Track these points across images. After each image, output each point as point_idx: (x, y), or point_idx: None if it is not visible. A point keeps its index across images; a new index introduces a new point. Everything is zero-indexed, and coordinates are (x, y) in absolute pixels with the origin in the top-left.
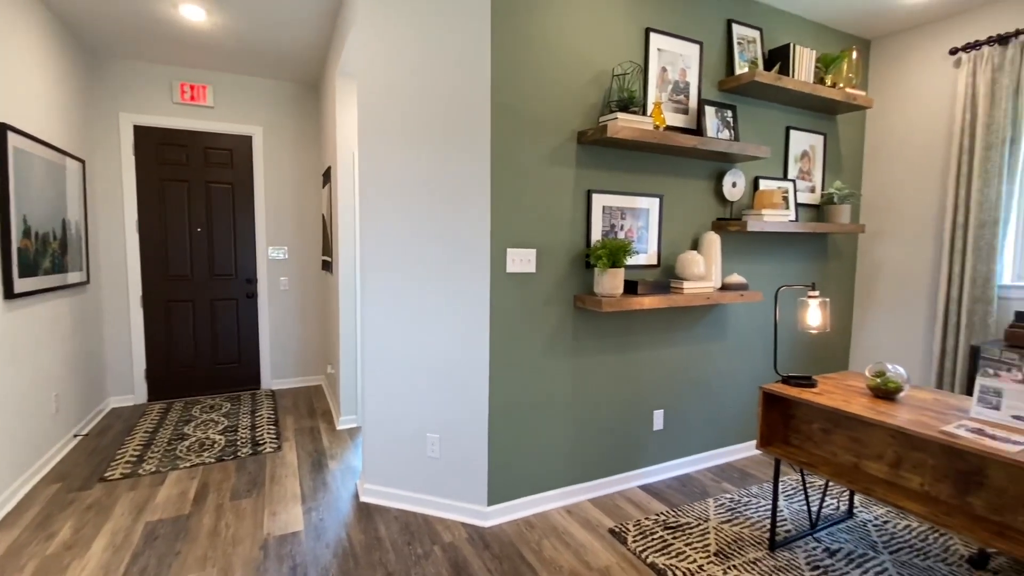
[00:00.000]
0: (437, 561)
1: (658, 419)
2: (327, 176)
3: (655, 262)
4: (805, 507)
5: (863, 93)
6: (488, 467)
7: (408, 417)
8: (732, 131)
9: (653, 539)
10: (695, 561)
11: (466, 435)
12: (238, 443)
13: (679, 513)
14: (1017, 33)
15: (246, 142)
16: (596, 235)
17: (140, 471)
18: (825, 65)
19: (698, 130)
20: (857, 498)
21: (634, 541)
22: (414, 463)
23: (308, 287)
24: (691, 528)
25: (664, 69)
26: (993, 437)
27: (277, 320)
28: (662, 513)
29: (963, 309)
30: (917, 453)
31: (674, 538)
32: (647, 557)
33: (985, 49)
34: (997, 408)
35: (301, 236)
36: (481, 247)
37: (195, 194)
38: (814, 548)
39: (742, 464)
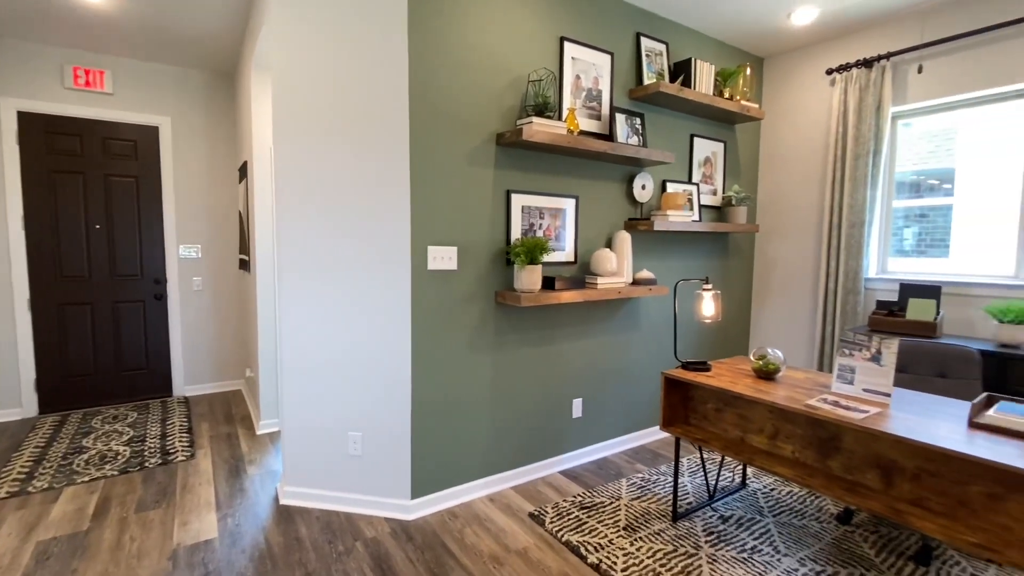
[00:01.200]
0: (359, 556)
1: (577, 407)
2: (244, 171)
3: (572, 259)
4: (704, 481)
5: (756, 106)
6: (411, 461)
7: (329, 416)
8: (641, 137)
9: (569, 519)
10: (606, 536)
11: (389, 431)
12: (145, 453)
13: (595, 494)
14: (879, 58)
15: (151, 133)
16: (516, 233)
17: (30, 488)
18: (724, 79)
19: (610, 136)
20: (749, 470)
21: (551, 522)
22: (336, 462)
23: (224, 287)
24: (604, 507)
25: (578, 77)
26: (847, 408)
27: (190, 322)
28: (579, 495)
29: (838, 300)
30: (789, 425)
31: (588, 517)
32: (563, 536)
33: (854, 71)
34: (851, 383)
35: (216, 234)
36: (402, 245)
37: (92, 188)
38: (711, 516)
39: (654, 446)
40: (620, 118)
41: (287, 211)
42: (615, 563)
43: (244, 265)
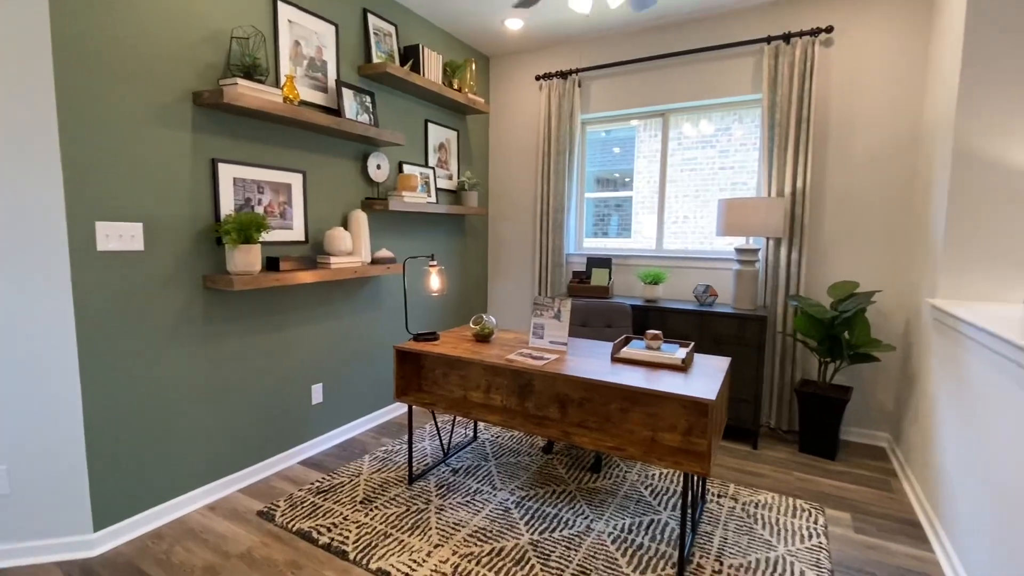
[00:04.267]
0: None
1: (317, 393)
2: None
3: (303, 238)
4: (440, 441)
5: (483, 100)
6: (91, 487)
7: None
8: (372, 116)
9: (303, 507)
10: (341, 514)
11: (52, 456)
12: None
13: (335, 476)
14: (570, 72)
15: None
16: (228, 209)
17: None
18: (452, 70)
19: (338, 111)
20: (481, 424)
21: (282, 515)
22: None
23: None
24: (343, 487)
25: (297, 43)
26: (536, 358)
27: None
28: (317, 481)
29: (549, 272)
30: (499, 378)
31: (325, 500)
32: (294, 526)
33: (555, 80)
34: (542, 337)
35: None
36: (52, 219)
37: None
38: (444, 472)
39: (401, 419)
40: (348, 94)
41: None
42: (347, 537)
43: None
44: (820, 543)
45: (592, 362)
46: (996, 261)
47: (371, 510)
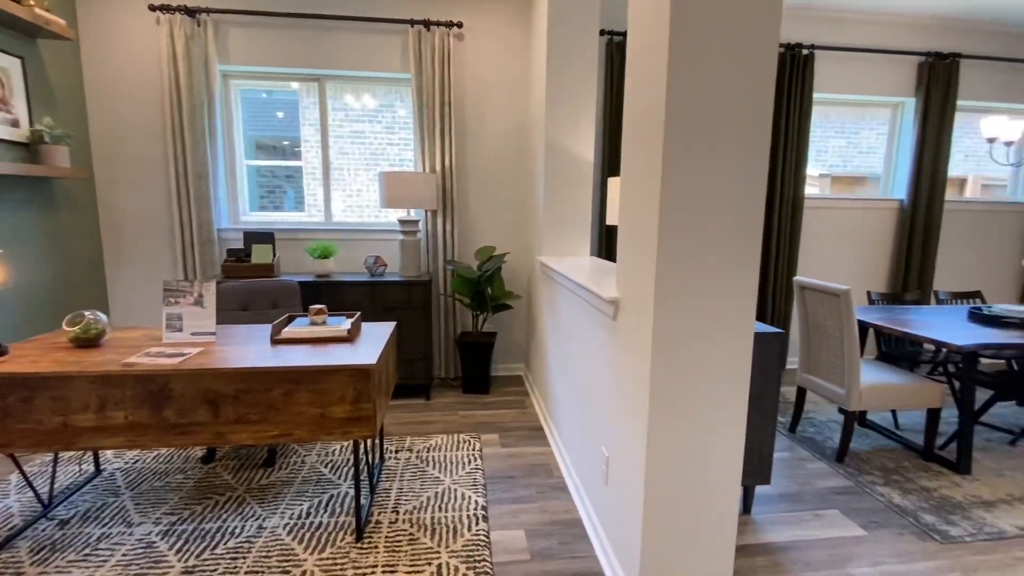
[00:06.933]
0: None
1: None
2: None
3: None
4: (34, 492)
5: (63, 22)
6: None
7: None
8: None
9: None
10: None
11: None
12: None
13: None
14: (200, 10)
15: None
16: None
17: None
18: None
19: None
20: (110, 452)
21: None
22: None
23: None
24: None
25: None
26: (170, 356)
27: None
28: None
29: (196, 251)
30: (117, 390)
31: None
32: None
33: (178, 15)
34: (181, 330)
35: None
36: None
37: None
38: (44, 529)
39: None
40: None
41: None
42: None
43: None
44: (477, 465)
45: (249, 348)
46: (574, 226)
47: None
